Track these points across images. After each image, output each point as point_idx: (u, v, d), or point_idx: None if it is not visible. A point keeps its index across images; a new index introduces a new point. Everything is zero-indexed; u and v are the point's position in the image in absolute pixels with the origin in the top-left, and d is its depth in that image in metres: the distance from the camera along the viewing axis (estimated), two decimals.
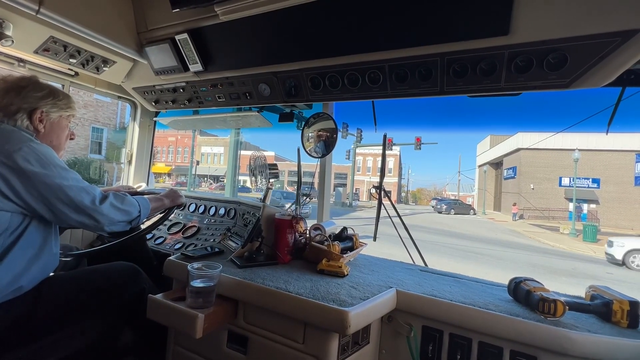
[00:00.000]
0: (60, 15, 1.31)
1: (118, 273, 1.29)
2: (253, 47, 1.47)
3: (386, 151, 1.83)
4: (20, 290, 1.02)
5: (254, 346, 1.06)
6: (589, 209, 23.37)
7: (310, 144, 1.71)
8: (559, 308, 0.92)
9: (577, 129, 3.90)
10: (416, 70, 1.22)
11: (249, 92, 1.67)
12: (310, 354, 0.96)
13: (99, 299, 1.21)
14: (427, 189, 63.81)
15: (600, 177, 23.02)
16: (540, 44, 1.00)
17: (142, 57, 1.69)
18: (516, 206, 24.49)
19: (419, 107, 4.74)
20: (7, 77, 1.13)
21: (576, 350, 0.87)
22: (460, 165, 44.29)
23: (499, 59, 1.07)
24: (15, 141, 0.99)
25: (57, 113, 1.19)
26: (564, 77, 1.03)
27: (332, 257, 1.23)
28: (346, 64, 1.32)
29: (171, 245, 1.72)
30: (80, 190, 1.05)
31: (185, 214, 1.96)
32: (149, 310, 1.05)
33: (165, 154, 38.66)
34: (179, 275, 1.22)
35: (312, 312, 0.94)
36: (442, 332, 1.04)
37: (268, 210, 1.37)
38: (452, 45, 1.10)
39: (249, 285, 1.06)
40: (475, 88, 1.17)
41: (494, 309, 0.99)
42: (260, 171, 1.59)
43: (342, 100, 1.48)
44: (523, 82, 1.09)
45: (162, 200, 1.43)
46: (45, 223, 1.08)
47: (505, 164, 29.31)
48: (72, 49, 1.58)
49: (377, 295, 1.03)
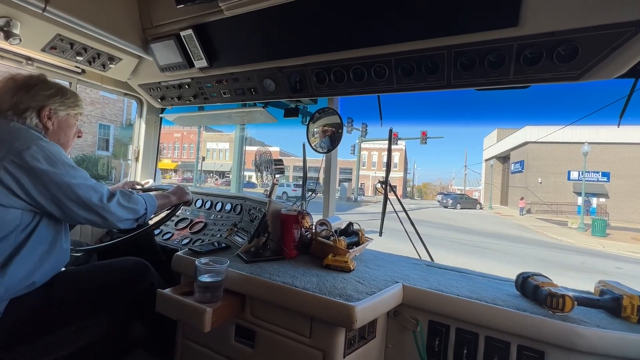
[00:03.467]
0: (67, 12, 1.31)
1: (128, 268, 1.32)
2: (257, 42, 1.46)
3: (392, 146, 1.81)
4: (33, 286, 1.05)
5: (261, 340, 1.07)
6: (598, 203, 23.02)
7: (315, 139, 1.71)
8: (567, 303, 0.91)
9: (586, 121, 3.83)
10: (423, 64, 1.20)
11: (254, 88, 1.67)
12: (317, 348, 0.96)
13: (109, 293, 1.23)
14: (432, 183, 63.33)
15: (610, 171, 22.62)
16: (550, 36, 0.97)
17: (148, 53, 1.69)
18: (523, 200, 24.23)
19: (424, 101, 4.68)
20: (16, 76, 1.14)
21: (585, 346, 0.86)
22: (466, 159, 43.94)
23: (507, 51, 1.05)
24: (25, 140, 1.00)
25: (65, 111, 1.20)
26: (574, 69, 1.00)
27: (338, 252, 1.24)
28: (352, 58, 1.31)
29: (179, 240, 1.74)
30: (88, 189, 1.07)
31: (192, 210, 1.98)
32: (158, 304, 1.07)
33: (172, 150, 38.94)
34: (187, 270, 1.23)
35: (318, 307, 0.94)
36: (449, 326, 1.04)
37: (274, 205, 1.37)
38: (460, 37, 1.09)
39: (255, 280, 1.07)
40: (483, 81, 1.15)
41: (501, 304, 0.98)
42: (266, 167, 1.59)
43: (348, 94, 1.47)
44: (532, 75, 1.07)
45: (169, 197, 1.44)
46: (56, 220, 1.10)
47: (512, 157, 28.96)
48: (78, 47, 1.60)
49: (384, 290, 1.03)
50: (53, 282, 1.11)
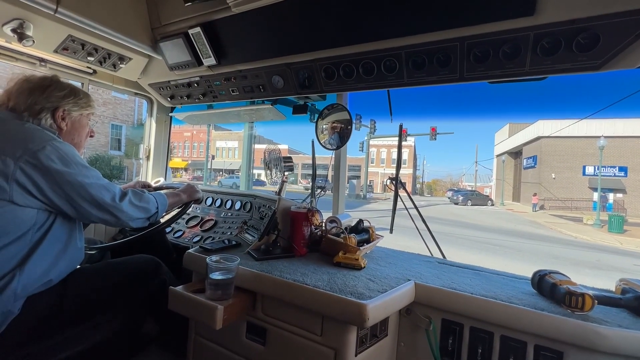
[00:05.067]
0: (77, 13, 1.33)
1: (140, 265, 1.33)
2: (265, 39, 1.45)
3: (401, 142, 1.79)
4: (50, 283, 1.07)
5: (273, 337, 1.07)
6: (615, 198, 22.37)
7: (324, 136, 1.69)
8: (587, 302, 0.88)
9: (602, 114, 3.69)
10: (434, 57, 1.17)
11: (262, 85, 1.67)
12: (329, 346, 0.96)
13: (122, 290, 1.25)
14: (442, 180, 62.62)
15: (627, 165, 21.93)
16: (569, 24, 0.94)
17: (157, 52, 1.70)
18: (536, 196, 23.71)
19: (434, 96, 4.62)
20: (30, 77, 1.16)
21: (607, 346, 0.83)
22: (477, 155, 43.15)
23: (523, 41, 1.02)
24: (39, 140, 1.02)
25: (78, 111, 1.21)
26: (595, 59, 0.96)
27: (348, 250, 1.22)
28: (361, 53, 1.29)
29: (190, 238, 1.75)
30: (101, 188, 1.08)
31: (203, 208, 2.00)
32: (171, 301, 1.08)
33: (182, 149, 39.45)
34: (198, 267, 1.24)
35: (329, 305, 0.93)
36: (463, 325, 1.02)
37: (283, 203, 1.36)
38: (473, 28, 1.05)
39: (266, 277, 1.07)
40: (498, 73, 1.12)
41: (517, 302, 0.95)
42: (275, 164, 1.59)
43: (357, 90, 1.44)
44: (550, 65, 1.03)
45: (179, 195, 1.45)
46: (70, 219, 1.11)
47: (525, 153, 28.36)
48: (89, 47, 1.62)
49: (395, 288, 1.02)
50: (68, 280, 1.13)
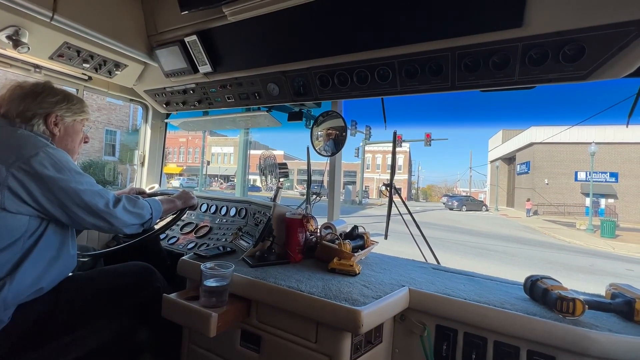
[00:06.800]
0: (73, 21, 1.34)
1: (134, 273, 1.32)
2: (261, 47, 1.47)
3: (396, 148, 1.81)
4: (41, 291, 1.05)
5: (267, 345, 1.06)
6: (606, 203, 22.67)
7: (319, 142, 1.71)
8: (577, 307, 0.90)
9: (593, 121, 3.77)
10: (426, 66, 1.20)
11: (257, 92, 1.68)
12: (323, 353, 0.96)
13: (115, 298, 1.24)
14: (437, 185, 62.93)
15: (618, 171, 22.29)
16: (555, 35, 0.97)
17: (153, 59, 1.71)
18: (530, 202, 23.95)
19: (428, 103, 4.67)
20: (22, 84, 1.16)
21: (597, 351, 0.84)
22: (471, 161, 43.57)
23: (512, 52, 1.05)
24: (32, 146, 1.01)
25: (71, 117, 1.21)
26: (581, 69, 0.99)
27: (343, 256, 1.23)
28: (355, 62, 1.31)
29: (184, 245, 1.74)
30: (95, 194, 1.08)
31: (197, 214, 1.99)
32: (164, 309, 1.07)
33: (177, 154, 39.23)
34: (193, 274, 1.23)
35: (324, 311, 0.93)
36: (457, 331, 1.03)
37: (279, 209, 1.37)
38: (464, 39, 1.08)
39: (261, 284, 1.07)
40: (488, 82, 1.15)
41: (509, 307, 0.96)
42: (270, 170, 1.60)
43: (351, 97, 1.47)
44: (538, 75, 1.06)
45: (174, 201, 1.45)
46: (62, 225, 1.11)
47: (518, 159, 28.69)
48: (85, 54, 1.62)
49: (390, 294, 1.02)
50: (60, 288, 1.12)
